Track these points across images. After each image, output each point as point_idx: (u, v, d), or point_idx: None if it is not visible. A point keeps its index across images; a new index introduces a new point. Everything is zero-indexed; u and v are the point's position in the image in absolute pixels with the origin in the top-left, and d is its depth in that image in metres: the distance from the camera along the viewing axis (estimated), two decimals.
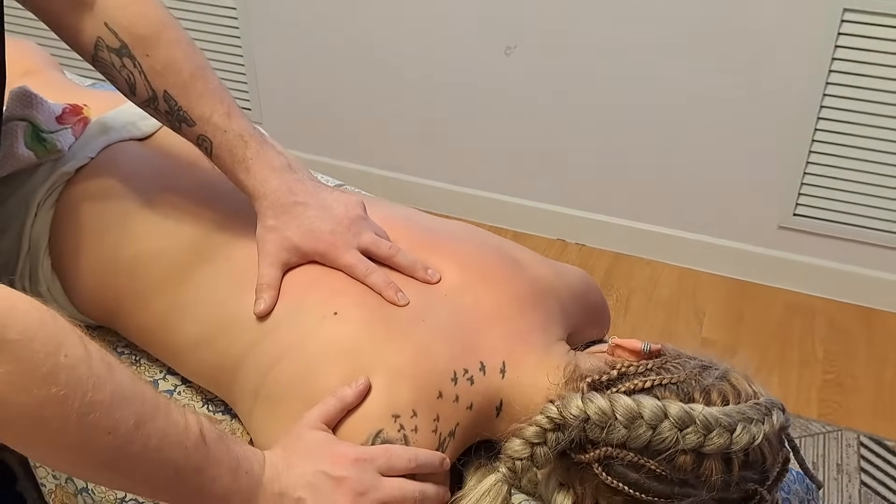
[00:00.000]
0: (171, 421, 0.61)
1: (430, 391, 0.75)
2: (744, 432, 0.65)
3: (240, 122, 0.84)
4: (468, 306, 0.81)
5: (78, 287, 0.92)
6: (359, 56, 2.16)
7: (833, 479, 1.63)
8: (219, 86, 0.86)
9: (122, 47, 0.82)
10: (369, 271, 0.82)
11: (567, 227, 2.20)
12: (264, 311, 0.81)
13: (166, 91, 0.83)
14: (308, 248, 0.83)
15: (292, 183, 0.84)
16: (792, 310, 2.01)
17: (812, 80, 1.80)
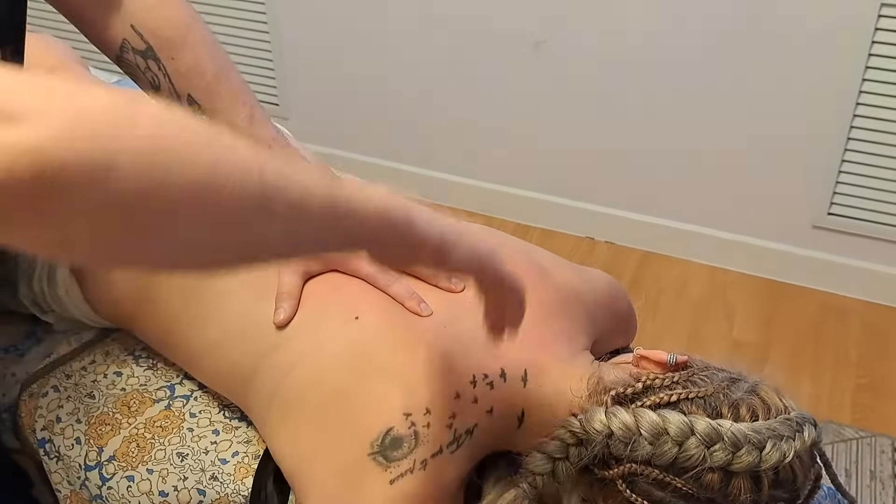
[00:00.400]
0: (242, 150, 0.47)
1: (447, 392, 0.74)
2: (774, 450, 0.63)
3: (262, 127, 0.83)
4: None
5: (96, 290, 0.92)
6: (387, 51, 2.15)
7: (866, 486, 1.59)
8: (241, 86, 0.85)
9: (147, 50, 0.82)
10: (391, 281, 0.81)
11: (596, 224, 2.18)
12: (284, 321, 0.80)
13: (190, 94, 0.82)
14: (329, 257, 0.82)
15: None
16: (825, 311, 1.96)
17: (848, 76, 1.75)
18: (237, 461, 0.86)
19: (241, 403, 0.86)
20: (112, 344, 0.96)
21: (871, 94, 1.76)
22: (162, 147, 0.42)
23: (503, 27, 2.00)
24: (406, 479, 0.71)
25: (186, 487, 0.85)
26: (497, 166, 2.21)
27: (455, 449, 0.73)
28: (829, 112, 1.81)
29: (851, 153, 1.84)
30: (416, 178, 2.30)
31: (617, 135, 2.04)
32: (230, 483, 0.85)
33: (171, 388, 0.91)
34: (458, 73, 2.11)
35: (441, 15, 2.04)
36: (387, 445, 0.72)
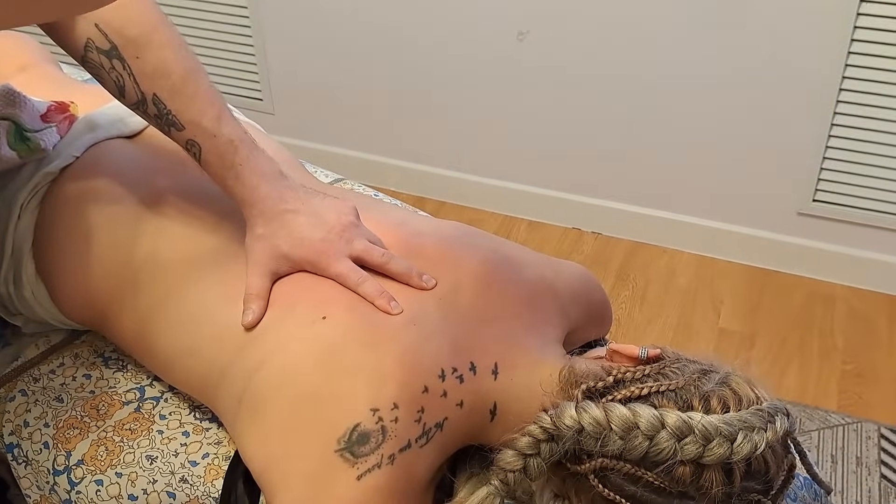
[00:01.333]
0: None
1: (415, 386, 0.73)
2: (745, 441, 0.63)
3: (230, 127, 0.82)
4: (461, 309, 0.79)
5: (63, 291, 0.90)
6: (371, 45, 2.14)
7: (852, 472, 1.58)
8: (210, 88, 0.84)
9: (111, 49, 0.81)
10: (361, 280, 0.80)
11: (583, 215, 2.17)
12: (252, 323, 0.79)
13: (155, 94, 0.81)
14: (298, 257, 0.81)
15: (283, 190, 0.82)
16: (811, 298, 1.96)
17: (831, 64, 1.74)
18: (207, 463, 0.85)
19: (211, 405, 0.85)
20: (81, 346, 0.95)
21: (853, 80, 1.75)
22: None
23: (487, 20, 1.99)
24: (373, 474, 0.71)
25: (156, 490, 0.85)
26: (483, 159, 2.20)
27: (425, 443, 0.73)
28: (813, 99, 1.80)
29: (835, 140, 1.83)
30: (401, 172, 2.29)
31: (603, 126, 2.03)
32: (200, 485, 0.84)
33: (141, 390, 0.90)
34: (442, 66, 2.09)
35: (424, 8, 2.03)
36: (354, 441, 0.71)
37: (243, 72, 2.30)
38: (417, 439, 0.72)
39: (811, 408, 1.70)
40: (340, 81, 2.23)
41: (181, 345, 0.84)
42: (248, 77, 2.31)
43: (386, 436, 0.71)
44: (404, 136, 2.25)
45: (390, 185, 2.23)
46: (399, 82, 2.17)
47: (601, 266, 2.07)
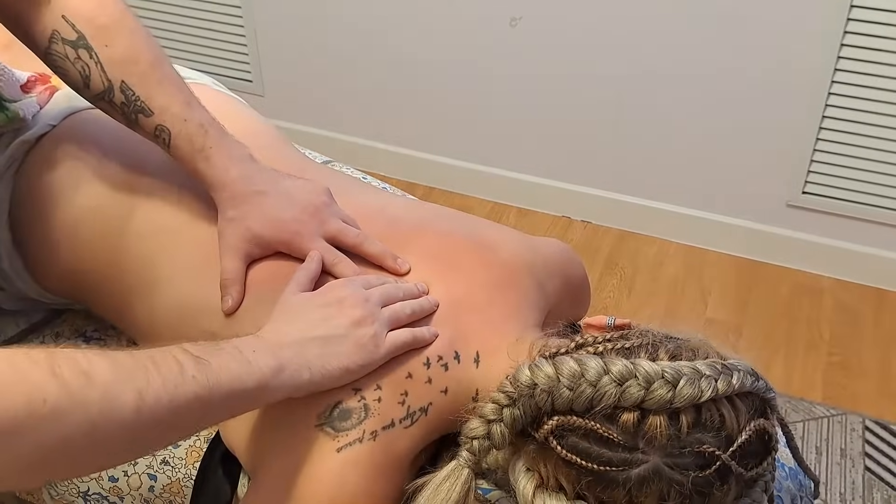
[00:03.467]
0: (164, 370, 0.59)
1: (398, 371, 0.73)
2: (688, 385, 0.61)
3: (199, 111, 0.82)
4: (442, 298, 0.79)
5: (40, 262, 0.89)
6: (361, 29, 2.12)
7: (836, 464, 1.59)
8: (177, 76, 0.83)
9: (78, 39, 0.80)
10: (336, 261, 0.79)
11: (572, 203, 2.16)
12: (231, 309, 0.78)
13: (124, 81, 0.80)
14: (271, 238, 0.80)
15: (252, 172, 0.81)
16: (799, 289, 1.96)
17: (823, 55, 1.74)
18: (188, 445, 0.84)
19: None
20: (62, 325, 0.94)
21: (845, 73, 1.75)
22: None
23: (480, 5, 1.97)
24: (354, 447, 0.70)
25: (137, 472, 0.84)
26: (473, 145, 2.19)
27: (409, 425, 0.73)
28: (804, 90, 1.80)
29: (826, 132, 1.83)
30: (391, 157, 2.27)
31: (593, 114, 2.02)
32: (181, 467, 0.83)
33: None
34: (432, 51, 2.08)
35: None
36: (335, 417, 0.71)
37: (233, 52, 2.28)
38: (402, 420, 0.72)
39: (796, 399, 1.71)
40: (331, 65, 2.21)
41: (162, 317, 0.83)
42: (238, 59, 2.29)
43: (369, 413, 0.71)
44: (394, 121, 2.23)
45: (380, 169, 2.22)
46: (390, 67, 2.15)
47: (590, 255, 2.07)
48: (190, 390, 0.59)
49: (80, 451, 0.54)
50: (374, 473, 0.70)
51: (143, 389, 0.56)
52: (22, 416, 0.50)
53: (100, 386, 0.54)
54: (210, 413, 0.62)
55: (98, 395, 0.54)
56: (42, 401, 0.51)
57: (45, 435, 0.51)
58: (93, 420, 0.53)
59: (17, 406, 0.49)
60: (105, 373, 0.55)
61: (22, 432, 0.50)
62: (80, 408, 0.53)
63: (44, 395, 0.51)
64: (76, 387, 0.53)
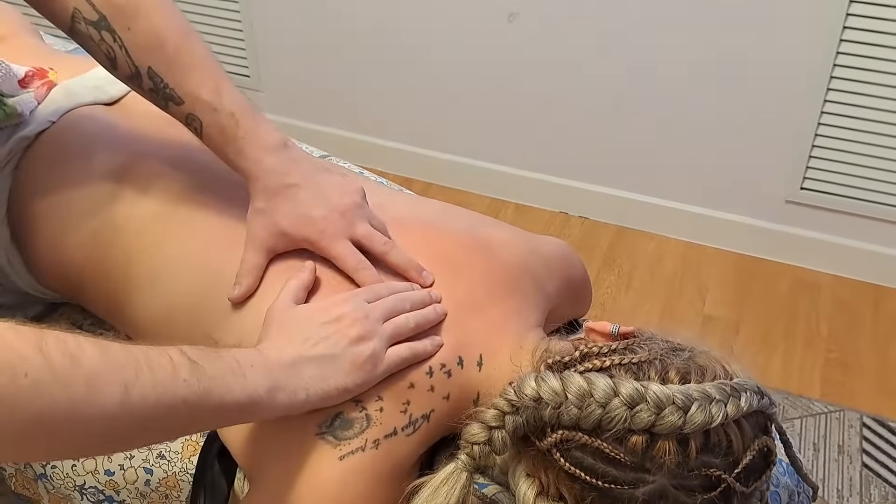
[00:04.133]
0: (156, 368, 0.58)
1: (400, 381, 0.73)
2: (699, 411, 0.61)
3: (230, 97, 0.79)
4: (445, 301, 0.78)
5: (38, 258, 0.89)
6: (360, 23, 2.11)
7: (834, 460, 1.59)
8: (206, 54, 0.80)
9: (100, 20, 0.77)
10: (360, 267, 0.77)
11: (570, 199, 2.16)
12: (239, 298, 0.77)
13: (150, 67, 0.78)
14: (297, 235, 0.78)
15: (287, 163, 0.79)
16: (798, 286, 1.96)
17: (822, 50, 1.74)
18: (185, 439, 0.84)
19: None
20: (59, 319, 0.94)
21: (844, 68, 1.75)
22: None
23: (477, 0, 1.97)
24: (357, 455, 0.70)
25: (133, 466, 0.83)
26: (471, 141, 2.18)
27: (411, 432, 0.73)
28: (803, 86, 1.79)
29: (825, 127, 1.83)
30: (389, 153, 2.27)
31: (591, 110, 2.01)
32: (177, 461, 0.83)
33: None
34: (431, 46, 2.07)
35: None
36: (336, 426, 0.71)
37: (231, 48, 2.27)
38: (404, 428, 0.72)
39: (794, 395, 1.71)
40: (329, 60, 2.21)
41: (157, 313, 0.82)
42: (236, 54, 2.28)
43: (371, 423, 0.71)
44: (392, 117, 2.23)
45: (377, 165, 2.21)
46: (388, 62, 2.14)
47: (587, 251, 2.06)
48: (179, 394, 0.59)
49: (57, 432, 0.53)
50: (376, 481, 0.70)
51: (130, 384, 0.56)
52: (1, 384, 0.49)
53: (85, 371, 0.54)
54: (198, 420, 0.62)
55: (82, 380, 0.53)
56: (23, 373, 0.50)
57: (23, 408, 0.50)
58: (74, 402, 0.53)
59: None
60: (93, 359, 0.55)
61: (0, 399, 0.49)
62: (61, 388, 0.52)
63: (26, 367, 0.51)
64: (60, 366, 0.52)
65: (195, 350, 0.62)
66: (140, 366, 0.57)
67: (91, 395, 0.54)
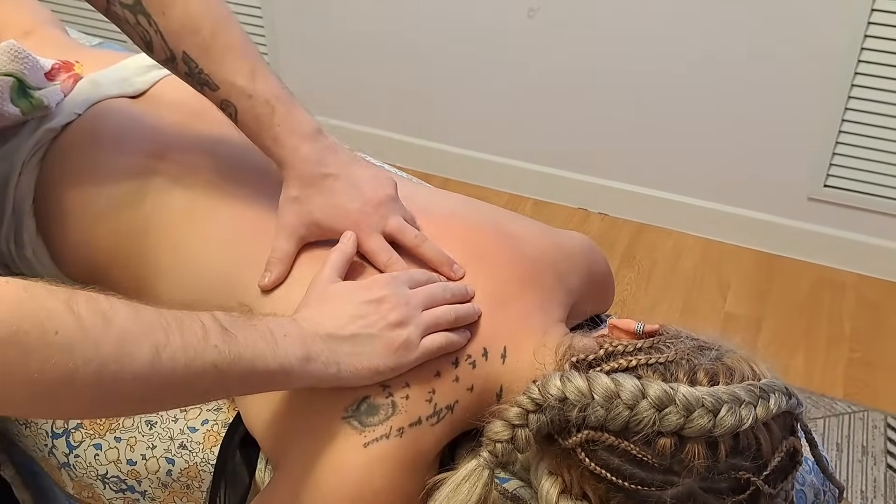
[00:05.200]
0: (187, 333, 0.58)
1: (427, 369, 0.73)
2: (729, 414, 0.60)
3: (265, 83, 0.78)
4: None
5: (63, 249, 0.89)
6: (380, 21, 2.11)
7: (857, 461, 1.57)
8: (243, 40, 0.79)
9: (135, 4, 0.77)
10: (392, 261, 0.77)
11: (589, 195, 2.15)
12: (269, 286, 0.77)
13: (185, 52, 0.77)
14: (329, 226, 0.78)
15: (323, 152, 0.79)
16: (820, 284, 1.94)
17: (846, 45, 1.72)
18: (206, 429, 0.84)
19: None
20: None
21: (868, 64, 1.73)
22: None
23: None
24: (381, 443, 0.70)
25: (155, 456, 0.84)
26: (491, 136, 2.18)
27: (436, 422, 0.72)
28: (826, 83, 1.77)
29: (848, 124, 1.81)
30: (409, 148, 2.27)
31: (612, 105, 2.00)
32: (199, 452, 0.83)
33: None
34: (451, 42, 2.07)
35: None
36: (362, 412, 0.71)
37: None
38: (428, 417, 0.72)
39: (817, 395, 1.69)
40: (348, 56, 2.21)
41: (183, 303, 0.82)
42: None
43: (396, 410, 0.71)
44: (411, 112, 2.23)
45: (396, 160, 2.20)
46: (407, 57, 2.14)
47: (607, 247, 2.05)
48: (209, 358, 0.59)
49: (86, 390, 0.53)
50: (399, 470, 0.70)
51: (160, 345, 0.56)
52: (32, 339, 0.50)
53: (116, 330, 0.54)
54: (226, 385, 0.62)
55: (113, 339, 0.53)
56: (54, 331, 0.51)
57: (53, 364, 0.50)
58: (104, 362, 0.53)
59: (27, 328, 0.50)
60: (125, 319, 0.55)
61: (30, 354, 0.50)
62: (91, 346, 0.52)
63: (56, 324, 0.51)
64: (91, 325, 0.53)
65: (228, 317, 0.63)
66: (171, 329, 0.57)
67: (121, 356, 0.54)
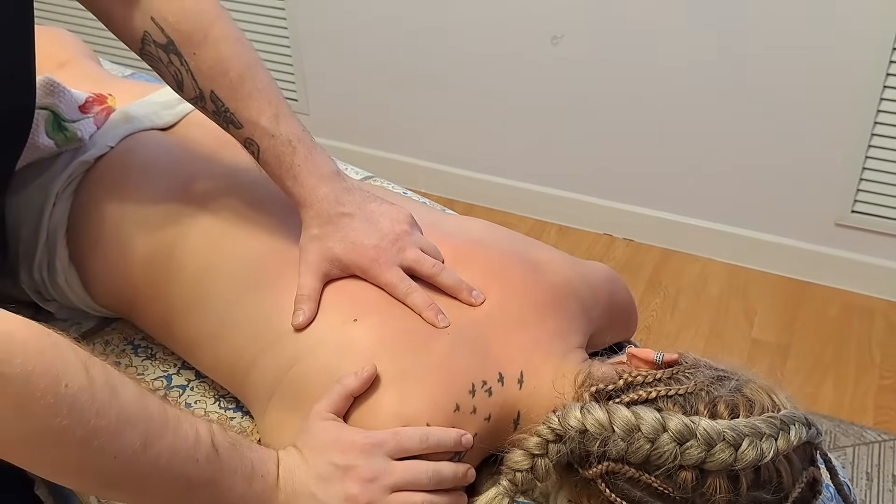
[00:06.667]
0: (180, 436, 0.60)
1: (447, 405, 0.73)
2: (750, 448, 0.60)
3: (288, 126, 0.81)
4: (491, 316, 0.79)
5: (95, 278, 0.91)
6: (404, 48, 2.14)
7: (888, 490, 1.54)
8: (268, 84, 0.83)
9: (168, 44, 0.80)
10: (409, 291, 0.79)
11: (614, 221, 2.15)
12: (303, 325, 0.78)
13: (213, 91, 0.81)
14: (349, 262, 0.80)
15: (340, 192, 0.82)
16: (849, 311, 1.92)
17: (872, 72, 1.71)
18: None
19: (237, 393, 0.85)
20: (112, 333, 0.96)
21: (895, 90, 1.72)
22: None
23: (520, 23, 1.98)
24: None
25: None
26: (515, 162, 2.19)
27: (458, 460, 0.73)
28: (853, 108, 1.76)
29: (875, 150, 1.79)
30: (431, 174, 2.29)
31: (636, 131, 2.01)
32: None
33: (168, 378, 0.91)
34: (475, 68, 2.09)
35: (459, 11, 2.03)
36: None
37: (280, 72, 2.33)
38: (452, 458, 0.72)
39: (846, 423, 1.67)
40: (374, 84, 2.24)
41: (209, 333, 0.84)
42: (284, 79, 2.33)
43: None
44: (435, 138, 2.25)
45: (420, 186, 2.24)
46: (431, 85, 2.17)
47: (632, 273, 2.05)
48: (185, 470, 0.60)
49: (70, 450, 0.55)
50: None
51: (151, 437, 0.58)
52: (43, 384, 0.52)
53: (119, 406, 0.56)
54: (192, 498, 0.63)
55: (114, 413, 0.56)
56: (64, 383, 0.53)
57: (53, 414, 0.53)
58: (96, 431, 0.55)
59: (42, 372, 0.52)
60: (129, 398, 0.57)
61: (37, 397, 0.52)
62: (92, 412, 0.55)
63: (68, 379, 0.53)
64: (99, 391, 0.55)
65: (222, 433, 0.64)
66: (168, 427, 0.59)
67: (113, 432, 0.56)
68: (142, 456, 0.57)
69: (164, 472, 0.59)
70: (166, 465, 0.59)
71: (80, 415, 0.54)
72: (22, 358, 0.52)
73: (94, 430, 0.55)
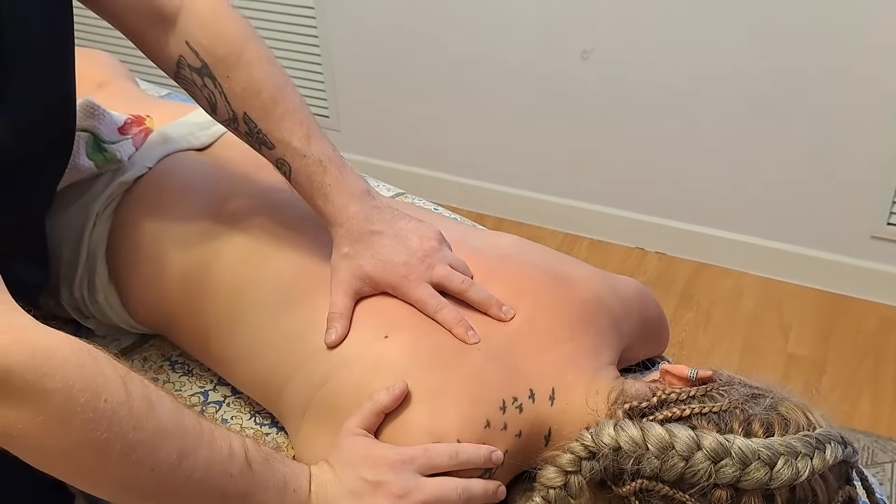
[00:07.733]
0: (215, 450, 0.61)
1: (478, 421, 0.73)
2: (786, 467, 0.60)
3: (319, 146, 0.83)
4: (521, 331, 0.79)
5: (133, 295, 0.93)
6: (435, 64, 2.16)
7: None
8: (299, 105, 0.84)
9: (202, 67, 0.82)
10: (440, 307, 0.80)
11: (646, 234, 2.14)
12: (335, 342, 0.79)
13: (246, 113, 0.83)
14: (380, 279, 0.81)
15: (370, 210, 0.83)
16: (886, 324, 1.89)
17: None
18: None
19: (274, 410, 0.86)
20: (150, 350, 0.98)
21: None
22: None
23: (550, 37, 1.99)
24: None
25: None
26: (545, 176, 2.19)
27: (488, 477, 0.73)
28: (887, 120, 1.74)
29: None
30: (461, 188, 2.30)
31: (667, 144, 2.00)
32: None
33: (205, 394, 0.92)
34: (504, 84, 2.10)
35: (489, 27, 2.04)
36: None
37: (312, 90, 2.35)
38: (482, 475, 0.72)
39: (884, 439, 1.64)
40: (404, 100, 2.26)
41: (244, 350, 0.85)
42: (316, 95, 2.36)
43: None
44: (465, 153, 2.26)
45: (451, 200, 2.25)
46: (461, 100, 2.18)
47: (665, 287, 2.04)
48: (220, 483, 0.62)
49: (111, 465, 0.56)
50: None
51: (187, 452, 0.59)
52: (83, 399, 0.54)
53: (156, 421, 0.58)
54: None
55: (151, 427, 0.57)
56: (104, 398, 0.55)
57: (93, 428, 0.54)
58: (134, 445, 0.56)
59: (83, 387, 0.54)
60: (166, 413, 0.59)
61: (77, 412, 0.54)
62: (130, 426, 0.56)
63: (107, 394, 0.55)
64: (137, 406, 0.57)
65: (256, 448, 0.65)
66: (203, 440, 0.61)
67: (150, 446, 0.57)
68: (178, 469, 0.59)
69: (200, 484, 0.60)
70: (201, 478, 0.60)
71: (119, 429, 0.56)
72: (63, 373, 0.54)
73: (132, 444, 0.56)
